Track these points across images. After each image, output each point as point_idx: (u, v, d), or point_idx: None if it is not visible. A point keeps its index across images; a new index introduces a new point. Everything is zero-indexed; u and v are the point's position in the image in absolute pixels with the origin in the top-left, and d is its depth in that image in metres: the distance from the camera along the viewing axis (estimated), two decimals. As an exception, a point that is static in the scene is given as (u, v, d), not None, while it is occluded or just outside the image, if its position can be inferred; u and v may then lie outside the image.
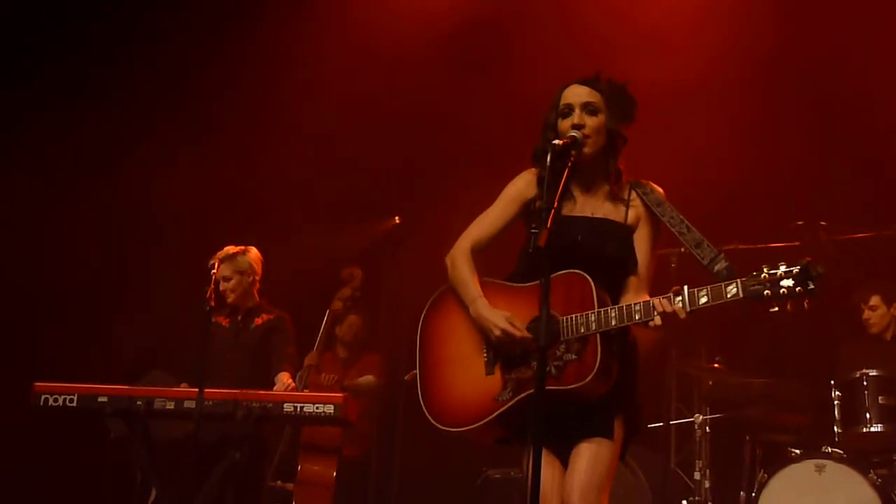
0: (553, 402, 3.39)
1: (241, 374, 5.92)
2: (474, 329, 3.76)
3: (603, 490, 3.60)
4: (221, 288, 6.21)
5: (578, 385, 3.50)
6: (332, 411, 5.26)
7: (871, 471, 5.88)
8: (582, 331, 3.54)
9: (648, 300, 3.53)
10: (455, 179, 7.79)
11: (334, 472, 6.64)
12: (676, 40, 7.39)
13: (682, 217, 3.66)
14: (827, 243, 6.60)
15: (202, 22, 8.02)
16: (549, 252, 3.27)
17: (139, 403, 5.34)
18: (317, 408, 5.27)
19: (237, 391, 5.35)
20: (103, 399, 5.38)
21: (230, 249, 6.26)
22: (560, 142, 3.59)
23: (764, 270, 3.39)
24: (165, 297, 7.54)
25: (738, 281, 3.42)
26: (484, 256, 3.88)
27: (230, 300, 6.28)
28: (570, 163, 3.55)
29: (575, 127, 3.67)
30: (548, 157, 3.51)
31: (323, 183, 8.36)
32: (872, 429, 6.07)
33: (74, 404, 5.37)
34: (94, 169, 7.98)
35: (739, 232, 6.66)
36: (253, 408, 5.28)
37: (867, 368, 6.17)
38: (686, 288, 3.48)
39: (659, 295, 3.53)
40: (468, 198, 4.14)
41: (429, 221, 7.77)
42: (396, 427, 7.12)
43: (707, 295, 3.45)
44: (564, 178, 3.49)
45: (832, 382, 6.30)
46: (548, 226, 3.28)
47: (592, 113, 3.71)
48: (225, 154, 8.25)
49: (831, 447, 6.05)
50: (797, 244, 6.62)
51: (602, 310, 3.54)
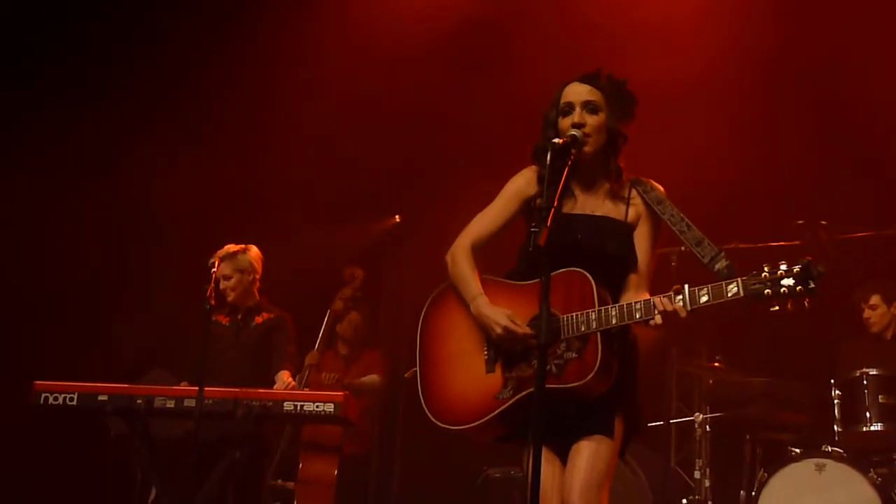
0: (553, 401, 3.38)
1: (242, 373, 5.93)
2: (475, 327, 3.75)
3: (602, 488, 3.59)
4: (222, 286, 6.21)
5: (579, 383, 3.49)
6: (333, 410, 5.25)
7: (872, 470, 5.90)
8: (582, 329, 3.54)
9: (649, 299, 3.53)
10: (455, 179, 7.78)
11: (335, 471, 6.63)
12: (676, 40, 7.39)
13: (683, 215, 3.65)
14: (827, 242, 6.60)
15: (202, 22, 8.02)
16: (550, 250, 3.26)
17: (139, 402, 5.32)
18: (317, 406, 5.27)
19: (237, 390, 5.34)
20: (103, 398, 5.36)
21: (230, 248, 6.27)
22: (560, 140, 3.58)
23: (765, 269, 3.39)
24: (165, 296, 7.54)
25: (739, 280, 3.41)
26: (484, 254, 3.87)
27: (230, 299, 6.29)
28: (571, 161, 3.54)
29: (575, 126, 3.66)
30: (548, 156, 3.50)
31: (323, 183, 8.36)
32: (872, 428, 6.08)
33: (74, 403, 5.36)
34: (94, 169, 7.97)
35: (740, 231, 6.66)
36: (253, 406, 5.27)
37: (867, 367, 6.18)
38: (687, 287, 3.48)
39: (659, 293, 3.53)
40: (468, 197, 4.13)
41: (429, 220, 7.77)
42: (397, 425, 7.12)
43: (708, 294, 3.45)
44: (565, 177, 3.48)
45: (832, 381, 6.31)
46: (548, 224, 3.27)
47: (593, 111, 3.70)
48: (225, 154, 8.24)
49: (831, 446, 6.07)
50: (797, 243, 6.61)
51: (603, 308, 3.54)
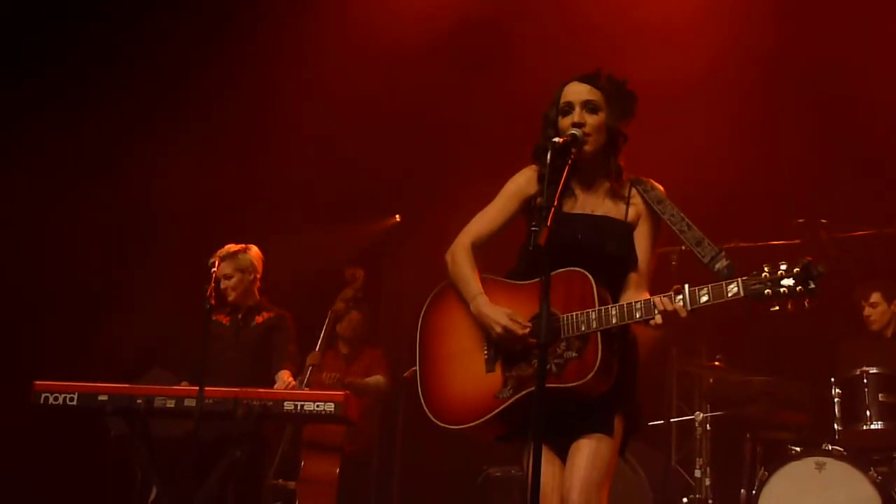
0: (553, 400, 3.38)
1: (242, 373, 5.93)
2: (475, 326, 3.75)
3: (602, 486, 3.59)
4: (222, 286, 6.21)
5: (579, 383, 3.49)
6: (333, 409, 5.23)
7: (872, 468, 5.91)
8: (583, 329, 3.54)
9: (649, 298, 3.52)
10: (455, 179, 7.80)
11: (337, 470, 6.64)
12: (676, 40, 7.39)
13: (683, 215, 3.65)
14: (827, 241, 6.60)
15: (202, 22, 8.01)
16: (550, 250, 3.26)
17: (139, 402, 5.30)
18: (317, 406, 5.25)
19: (237, 389, 5.32)
20: (103, 398, 5.33)
21: (231, 247, 6.27)
22: (560, 139, 3.58)
23: (765, 269, 3.39)
24: (165, 296, 7.54)
25: (739, 280, 3.41)
26: (484, 253, 3.87)
27: (231, 298, 6.28)
28: (571, 160, 3.54)
29: (575, 125, 3.66)
30: (548, 155, 3.50)
31: (323, 183, 8.37)
32: (873, 426, 6.09)
33: (74, 403, 5.33)
34: (94, 169, 7.97)
35: (740, 230, 6.66)
36: (253, 406, 5.25)
37: (867, 366, 6.19)
38: (687, 286, 3.48)
39: (659, 293, 3.52)
40: (468, 197, 4.13)
41: (429, 220, 7.77)
42: (398, 424, 7.11)
43: (708, 294, 3.45)
44: (565, 176, 3.48)
45: (832, 380, 6.32)
46: (548, 224, 3.27)
47: (593, 111, 3.70)
48: (225, 154, 8.25)
49: (832, 445, 6.08)
50: (797, 242, 6.62)
51: (603, 308, 3.54)
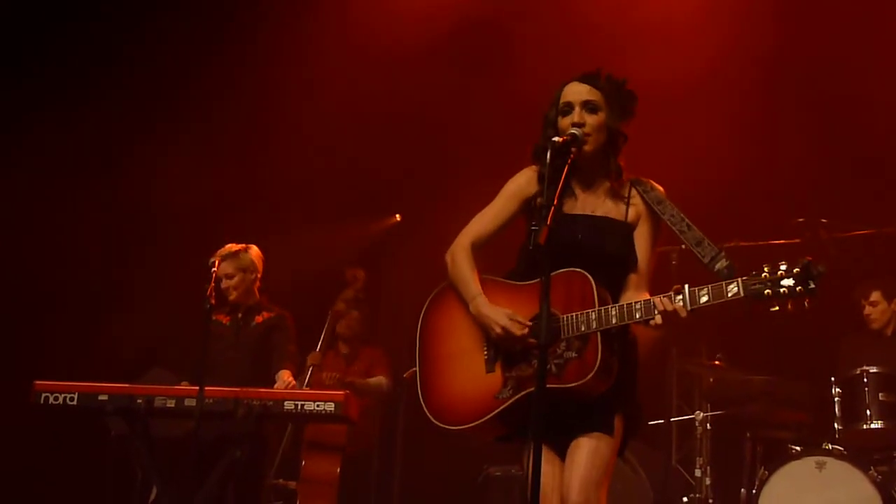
0: (553, 400, 3.38)
1: (242, 372, 5.93)
2: (474, 326, 3.75)
3: (601, 485, 3.59)
4: (224, 285, 6.21)
5: (579, 383, 3.49)
6: (333, 409, 5.24)
7: (872, 467, 5.90)
8: (583, 329, 3.53)
9: (649, 299, 3.52)
10: (455, 179, 7.80)
11: (338, 469, 6.64)
12: (676, 40, 7.39)
13: (683, 215, 3.65)
14: (827, 240, 6.60)
15: (202, 22, 8.01)
16: (550, 249, 3.26)
17: (139, 402, 5.30)
18: (317, 405, 5.26)
19: (238, 389, 5.33)
20: (104, 397, 5.34)
21: (232, 247, 6.26)
22: (560, 139, 3.58)
23: (765, 270, 3.39)
24: (166, 296, 7.54)
25: (739, 280, 3.41)
26: (484, 254, 3.87)
27: (232, 297, 6.28)
28: (571, 160, 3.54)
29: (575, 125, 3.66)
30: (548, 154, 3.50)
31: (323, 182, 8.37)
32: (873, 425, 6.09)
33: (75, 403, 5.34)
34: (94, 169, 7.97)
35: (740, 229, 6.67)
36: (253, 406, 5.25)
37: (867, 365, 6.18)
38: (687, 287, 3.48)
39: (659, 293, 3.52)
40: (468, 196, 4.13)
41: (429, 220, 7.77)
42: (398, 425, 7.11)
43: (708, 294, 3.45)
44: (564, 176, 3.48)
45: (832, 379, 6.32)
46: (548, 223, 3.27)
47: (592, 111, 3.70)
48: (225, 154, 8.25)
49: (832, 444, 6.07)
50: (797, 241, 6.63)
51: (603, 308, 3.54)
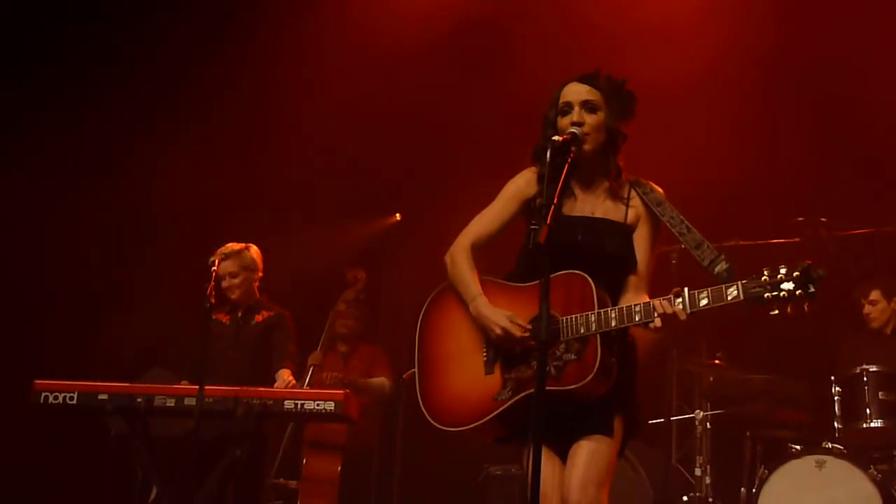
0: (553, 402, 3.38)
1: (242, 371, 5.93)
2: (474, 327, 3.75)
3: (602, 486, 3.59)
4: (227, 284, 6.21)
5: (578, 385, 3.49)
6: (333, 408, 5.24)
7: (872, 466, 5.90)
8: (582, 331, 3.54)
9: (649, 301, 3.52)
10: (455, 178, 7.80)
11: (339, 468, 6.64)
12: (677, 40, 7.39)
13: (683, 217, 3.65)
14: (827, 239, 6.60)
15: (202, 22, 8.01)
16: (549, 249, 3.26)
17: (139, 401, 5.30)
18: (317, 405, 5.26)
19: (237, 388, 5.33)
20: (103, 397, 5.33)
21: (234, 246, 6.24)
22: (560, 138, 3.59)
23: (764, 273, 3.38)
24: (166, 296, 7.54)
25: (739, 283, 3.41)
26: (483, 254, 3.87)
27: (235, 296, 6.27)
28: (570, 159, 3.54)
29: (574, 124, 3.66)
30: (548, 153, 3.50)
31: (323, 182, 8.37)
32: (873, 424, 6.08)
33: (74, 402, 5.34)
34: (94, 169, 7.97)
35: (740, 228, 6.67)
36: (253, 405, 5.25)
37: (867, 364, 6.18)
38: (686, 289, 3.47)
39: (659, 294, 3.53)
40: (468, 196, 4.14)
41: (429, 219, 7.77)
42: (398, 423, 7.10)
43: (707, 297, 3.45)
44: (564, 175, 3.48)
45: (832, 378, 6.32)
46: (547, 222, 3.27)
47: (592, 111, 3.71)
48: (225, 154, 8.24)
49: (832, 443, 6.07)
50: (797, 240, 6.63)
51: (602, 310, 3.54)
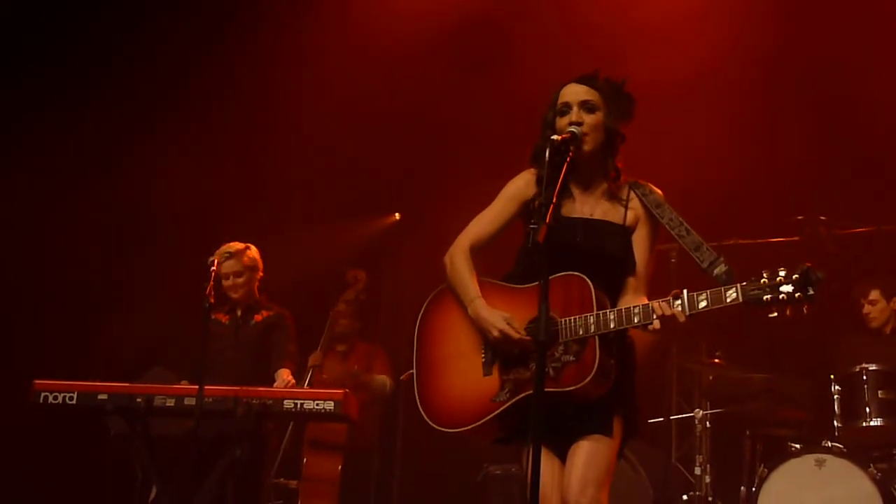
0: (551, 403, 3.37)
1: (242, 371, 5.93)
2: (472, 329, 3.75)
3: (602, 486, 3.59)
4: (230, 284, 6.21)
5: (576, 387, 3.49)
6: (333, 407, 5.26)
7: (871, 465, 5.89)
8: (581, 333, 3.54)
9: (648, 303, 3.52)
10: (455, 178, 7.80)
11: (339, 467, 6.65)
12: (677, 40, 7.39)
13: (682, 219, 3.64)
14: (826, 238, 6.60)
15: (202, 22, 8.02)
16: (548, 249, 3.26)
17: (139, 401, 5.32)
18: (317, 404, 5.27)
19: (237, 388, 5.34)
20: (103, 396, 5.36)
21: (237, 245, 6.24)
22: (559, 137, 3.58)
23: (764, 275, 3.38)
24: (165, 296, 7.53)
25: (738, 285, 3.41)
26: (483, 255, 3.87)
27: (237, 295, 6.26)
28: (569, 158, 3.53)
29: (573, 124, 3.66)
30: (547, 152, 3.49)
31: (323, 182, 8.37)
32: (872, 423, 6.08)
33: (74, 402, 5.36)
34: (94, 169, 7.98)
35: (739, 227, 6.67)
36: (253, 405, 5.27)
37: (867, 363, 6.18)
38: (686, 291, 3.47)
39: (658, 294, 3.53)
40: (468, 196, 4.14)
41: (429, 219, 7.77)
42: (398, 423, 7.10)
43: (707, 299, 3.45)
44: (563, 174, 3.47)
45: (832, 377, 6.30)
46: (546, 221, 3.27)
47: (590, 111, 3.71)
48: (225, 154, 8.24)
49: (831, 442, 6.05)
50: (797, 239, 6.63)
51: (601, 312, 3.54)
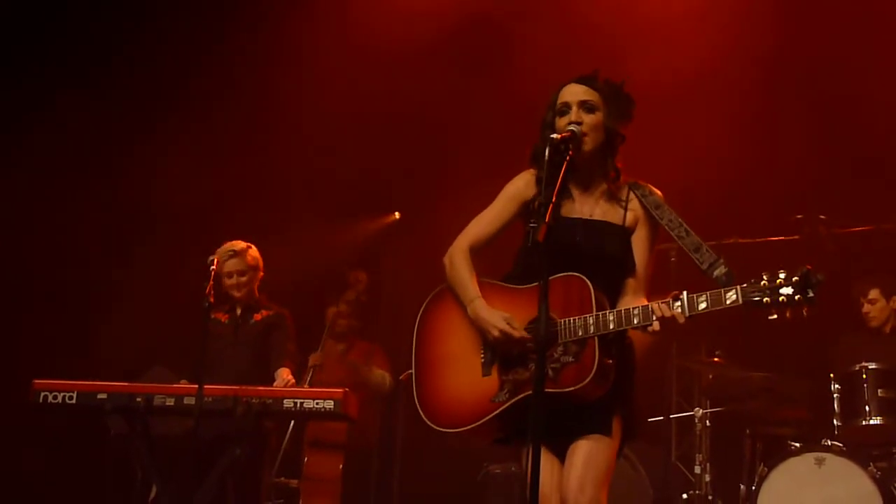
0: (551, 404, 3.36)
1: (241, 370, 5.92)
2: (472, 329, 3.75)
3: (601, 485, 3.59)
4: (233, 282, 6.20)
5: (576, 388, 3.50)
6: (332, 406, 5.26)
7: (871, 464, 5.89)
8: (580, 333, 3.54)
9: (647, 304, 3.52)
10: (455, 178, 7.81)
11: (341, 466, 6.66)
12: (677, 39, 7.39)
13: (681, 220, 3.64)
14: (826, 237, 6.61)
15: (202, 22, 8.02)
16: (548, 248, 3.26)
17: (139, 400, 5.32)
18: (316, 403, 5.27)
19: (237, 387, 5.35)
20: (103, 396, 5.36)
21: (239, 244, 6.24)
22: (558, 136, 3.57)
23: (764, 277, 3.38)
24: (165, 295, 7.53)
25: (738, 287, 3.41)
26: (481, 257, 3.87)
27: (240, 294, 6.25)
28: (569, 157, 3.52)
29: (573, 123, 3.66)
30: (546, 152, 3.48)
31: (323, 181, 8.37)
32: (872, 422, 6.08)
33: (74, 401, 5.36)
34: (94, 169, 7.98)
35: (739, 226, 6.67)
36: (253, 404, 5.27)
37: (866, 361, 6.17)
38: (685, 293, 3.47)
39: (657, 293, 3.54)
40: (467, 195, 4.15)
41: (429, 219, 7.77)
42: (398, 422, 7.11)
43: (706, 300, 3.45)
44: (563, 173, 3.47)
45: (831, 376, 6.30)
46: (546, 220, 3.27)
47: (590, 111, 3.71)
48: (225, 154, 8.24)
49: (831, 440, 6.05)
50: (796, 238, 6.63)
51: (600, 313, 3.54)
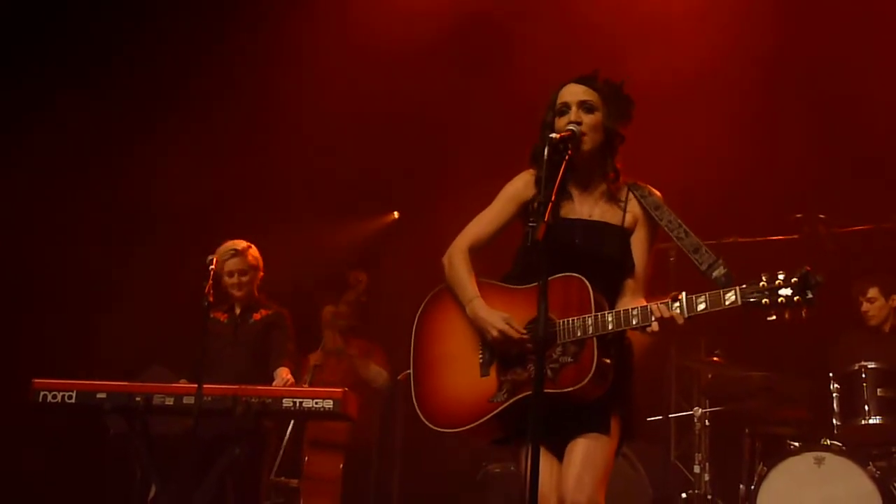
0: (549, 404, 3.37)
1: (240, 370, 5.93)
2: (470, 329, 3.75)
3: (599, 485, 3.59)
4: (235, 282, 6.21)
5: (574, 388, 3.50)
6: (332, 406, 5.26)
7: (870, 463, 5.90)
8: (579, 334, 3.54)
9: (646, 305, 3.52)
10: (454, 178, 7.81)
11: (341, 466, 6.66)
12: (677, 39, 7.40)
13: (680, 221, 3.65)
14: (825, 236, 6.61)
15: (202, 22, 8.02)
16: (547, 247, 3.27)
17: (138, 400, 5.31)
18: (316, 403, 5.26)
19: (236, 387, 5.34)
20: (102, 395, 5.35)
21: (240, 244, 6.23)
22: (558, 135, 3.58)
23: (763, 278, 3.38)
24: (165, 295, 7.53)
25: (737, 288, 3.41)
26: (480, 257, 3.87)
27: (240, 294, 6.26)
28: (568, 156, 3.53)
29: (572, 123, 3.66)
30: (546, 151, 3.48)
31: (322, 181, 8.37)
32: (871, 421, 6.08)
33: (73, 401, 5.35)
34: (95, 169, 7.98)
35: (739, 225, 6.67)
36: (252, 403, 5.26)
37: (866, 361, 6.18)
38: (684, 294, 3.48)
39: (658, 292, 3.54)
40: (467, 195, 4.15)
41: (428, 219, 7.77)
42: (397, 422, 7.11)
43: (705, 301, 3.45)
44: (562, 172, 3.47)
45: (831, 375, 6.31)
46: (545, 219, 3.27)
47: (589, 111, 3.71)
48: (225, 154, 8.24)
49: (830, 440, 6.06)
50: (796, 237, 6.63)
51: (599, 314, 3.54)
